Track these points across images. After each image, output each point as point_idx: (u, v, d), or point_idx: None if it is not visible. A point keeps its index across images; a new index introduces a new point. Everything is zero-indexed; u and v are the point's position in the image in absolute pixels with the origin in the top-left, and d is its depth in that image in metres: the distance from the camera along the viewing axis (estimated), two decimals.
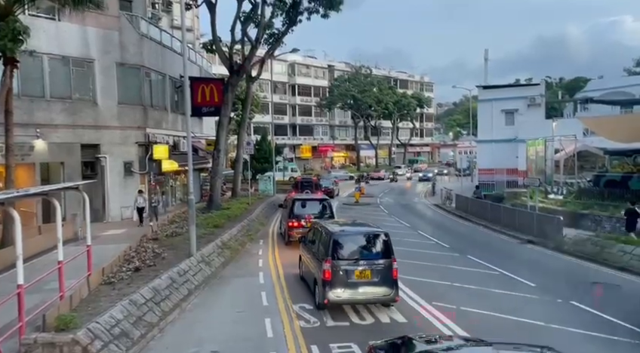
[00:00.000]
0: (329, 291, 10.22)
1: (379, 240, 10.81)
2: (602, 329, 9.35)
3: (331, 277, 10.22)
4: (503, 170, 32.03)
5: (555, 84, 68.15)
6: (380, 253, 10.64)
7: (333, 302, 10.26)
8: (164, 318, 9.72)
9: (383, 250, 10.65)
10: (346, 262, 10.42)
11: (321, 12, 26.16)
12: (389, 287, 10.32)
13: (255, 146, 37.36)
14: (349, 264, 10.38)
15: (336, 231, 11.06)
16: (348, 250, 10.67)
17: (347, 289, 10.23)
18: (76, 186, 11.24)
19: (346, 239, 10.90)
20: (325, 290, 10.26)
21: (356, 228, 12.05)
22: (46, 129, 19.01)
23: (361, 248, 10.77)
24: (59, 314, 7.91)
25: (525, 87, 39.53)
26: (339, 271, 10.26)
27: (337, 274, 10.24)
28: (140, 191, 20.46)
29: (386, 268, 10.37)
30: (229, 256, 15.71)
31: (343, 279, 10.23)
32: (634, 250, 14.43)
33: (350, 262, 10.41)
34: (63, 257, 9.61)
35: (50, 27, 19.28)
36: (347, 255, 10.58)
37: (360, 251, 10.70)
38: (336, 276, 10.23)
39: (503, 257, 16.46)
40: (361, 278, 10.28)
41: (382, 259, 10.52)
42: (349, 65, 78.12)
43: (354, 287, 10.26)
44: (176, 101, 26.31)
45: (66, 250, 10.41)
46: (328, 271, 10.25)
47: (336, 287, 10.21)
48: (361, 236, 11.15)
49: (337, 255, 10.50)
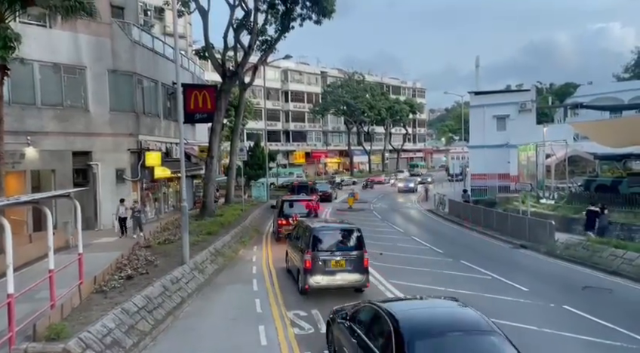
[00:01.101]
0: (310, 278, 11.83)
1: (352, 235, 12.47)
2: (595, 334, 9.40)
3: (311, 266, 11.85)
4: (495, 175, 32.18)
5: (545, 89, 68.87)
6: (353, 246, 12.28)
7: (313, 288, 11.85)
8: (156, 327, 9.64)
9: (356, 243, 12.28)
10: (324, 253, 11.97)
11: (314, 19, 26.32)
12: (361, 274, 11.97)
13: (248, 153, 37.35)
14: (327, 255, 11.96)
15: (316, 227, 12.63)
16: (326, 243, 12.24)
17: (325, 276, 11.82)
18: (67, 194, 11.16)
19: (324, 234, 12.45)
20: (306, 277, 11.87)
21: (333, 225, 13.73)
22: (37, 136, 18.88)
23: (337, 242, 12.42)
24: (50, 324, 7.83)
25: (516, 93, 39.91)
26: (318, 261, 11.85)
27: (317, 264, 11.84)
28: (122, 200, 19.44)
29: (358, 258, 12.02)
30: (222, 263, 15.64)
31: (322, 268, 11.83)
32: (625, 254, 14.56)
33: (327, 254, 12.00)
34: (54, 266, 9.51)
35: (42, 34, 19.19)
36: (325, 247, 12.13)
37: (336, 244, 12.33)
38: (316, 265, 11.83)
39: (495, 262, 16.52)
40: (337, 267, 11.87)
41: (355, 250, 12.14)
42: (342, 72, 78.47)
43: (331, 275, 11.84)
44: (168, 108, 26.25)
45: (57, 259, 10.31)
46: (309, 261, 11.87)
47: (315, 274, 11.82)
48: (337, 231, 12.81)
49: (317, 247, 12.04)
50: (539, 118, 39.57)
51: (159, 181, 24.84)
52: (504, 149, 32.15)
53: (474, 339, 5.67)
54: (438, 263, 16.42)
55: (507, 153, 31.51)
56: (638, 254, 14.21)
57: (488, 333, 5.74)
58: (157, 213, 24.88)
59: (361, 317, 6.93)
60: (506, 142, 32.40)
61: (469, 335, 5.73)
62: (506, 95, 38.87)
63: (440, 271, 15.05)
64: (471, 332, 5.79)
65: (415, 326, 5.77)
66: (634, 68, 61.25)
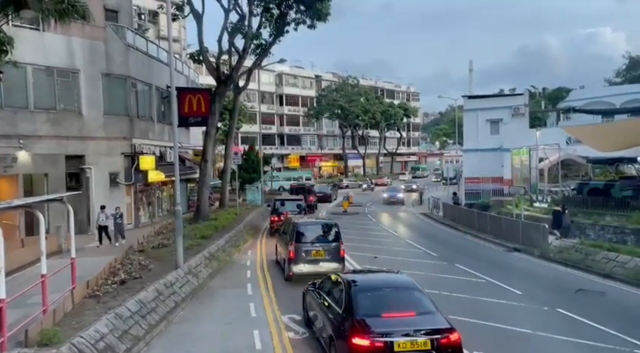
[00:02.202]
0: (293, 266, 13.64)
1: (331, 229, 14.44)
2: (588, 337, 9.45)
3: (295, 256, 13.63)
4: (489, 179, 32.31)
5: (538, 94, 69.29)
6: (331, 239, 14.14)
7: (296, 274, 13.55)
8: (150, 331, 9.57)
9: (334, 236, 14.19)
10: (305, 244, 13.77)
11: (308, 23, 26.36)
12: (338, 263, 13.59)
13: (243, 156, 37.29)
14: (308, 246, 13.76)
15: (299, 222, 14.68)
16: (307, 236, 14.05)
17: (307, 264, 13.54)
18: (60, 198, 11.08)
19: (306, 228, 14.41)
20: (290, 265, 13.70)
21: (314, 220, 16.26)
22: (29, 140, 18.74)
23: (318, 235, 14.27)
24: (42, 329, 7.75)
25: (509, 97, 40.17)
26: (301, 252, 13.63)
27: (299, 254, 13.61)
28: (102, 206, 18.14)
29: (335, 249, 13.88)
30: (216, 267, 15.58)
31: (304, 257, 13.58)
32: (617, 257, 14.66)
33: (309, 245, 13.79)
34: (47, 270, 9.42)
35: (35, 38, 19.10)
36: (307, 239, 13.94)
37: (316, 237, 14.17)
38: (299, 255, 13.61)
39: (490, 265, 16.58)
40: (317, 256, 13.62)
41: (333, 242, 14.02)
42: (337, 76, 78.74)
43: (312, 263, 13.53)
44: (162, 111, 26.18)
45: (49, 263, 10.22)
46: (292, 252, 13.70)
47: (298, 263, 13.59)
48: (318, 226, 14.86)
49: (299, 239, 13.84)
50: (532, 122, 39.81)
51: (153, 185, 24.73)
52: (498, 153, 32.32)
53: (400, 292, 8.18)
54: (432, 266, 16.45)
55: (501, 157, 31.69)
56: (630, 257, 14.33)
57: (412, 289, 8.19)
58: (151, 217, 24.76)
59: (325, 285, 9.34)
60: (500, 145, 32.57)
61: (397, 290, 8.28)
62: (499, 99, 39.12)
63: (434, 275, 15.08)
64: (399, 288, 8.34)
65: (359, 285, 8.25)
66: (625, 73, 61.89)
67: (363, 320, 7.28)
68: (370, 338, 6.91)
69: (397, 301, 7.82)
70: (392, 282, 8.73)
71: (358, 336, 6.97)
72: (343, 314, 7.74)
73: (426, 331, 7.03)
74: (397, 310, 7.54)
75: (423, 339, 6.94)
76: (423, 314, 7.50)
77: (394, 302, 7.78)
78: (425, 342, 6.92)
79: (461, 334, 7.24)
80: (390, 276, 9.37)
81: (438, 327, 7.18)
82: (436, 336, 7.01)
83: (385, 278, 9.23)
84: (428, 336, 6.96)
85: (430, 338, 6.95)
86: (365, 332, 7.01)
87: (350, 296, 7.85)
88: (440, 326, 7.23)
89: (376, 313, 7.44)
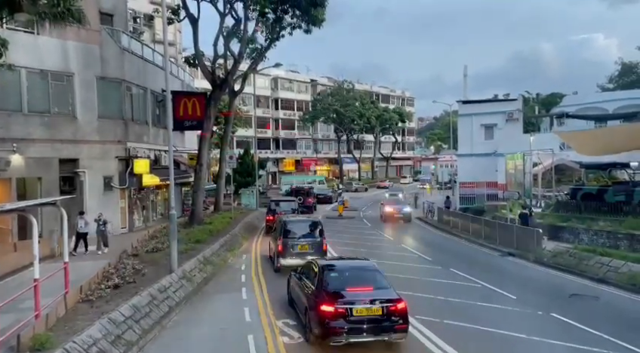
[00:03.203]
0: (281, 259, 15.41)
1: (315, 226, 16.46)
2: (582, 341, 9.47)
3: (282, 249, 15.42)
4: (483, 184, 32.42)
5: (532, 99, 69.74)
6: (315, 234, 16.12)
7: (284, 266, 15.07)
8: (144, 336, 9.50)
9: (318, 232, 16.17)
10: (292, 240, 15.60)
11: (304, 27, 26.42)
12: (320, 256, 14.32)
13: (238, 160, 37.26)
14: (295, 241, 15.57)
15: (287, 220, 16.76)
16: (294, 232, 15.90)
17: (293, 257, 15.08)
18: (54, 202, 11.03)
19: (292, 225, 16.35)
20: (279, 258, 15.50)
21: (300, 218, 18.98)
22: (23, 143, 18.64)
23: (303, 231, 16.14)
24: (34, 334, 7.68)
25: (503, 102, 40.38)
26: (288, 246, 15.43)
27: (287, 248, 15.41)
28: (81, 212, 17.40)
29: (319, 243, 15.77)
30: (211, 271, 15.51)
31: (290, 251, 15.35)
32: (610, 262, 14.75)
33: (295, 240, 15.62)
34: (40, 275, 9.34)
35: (29, 41, 19.04)
36: (293, 235, 15.77)
37: (302, 233, 16.03)
38: (286, 249, 15.40)
39: (484, 270, 16.61)
40: (302, 250, 15.34)
41: (317, 238, 15.94)
42: (332, 80, 78.88)
43: (298, 256, 14.97)
44: (157, 115, 26.13)
45: (42, 268, 10.13)
46: (280, 246, 15.48)
47: (286, 256, 15.33)
48: (303, 223, 16.91)
49: (287, 235, 15.71)
50: (526, 127, 40.11)
51: (147, 189, 24.64)
52: (492, 158, 32.45)
53: (362, 272, 10.10)
54: (427, 271, 16.46)
55: (495, 161, 31.82)
56: (623, 262, 14.41)
57: (372, 270, 10.16)
58: (145, 221, 24.64)
59: (304, 270, 11.18)
60: (494, 150, 32.72)
61: (360, 271, 10.23)
62: (493, 104, 39.31)
63: (429, 279, 15.09)
64: (362, 269, 10.31)
65: (329, 267, 10.15)
66: (618, 78, 62.41)
67: (330, 293, 9.16)
68: (335, 306, 8.74)
69: (359, 279, 9.70)
70: (357, 265, 10.77)
71: (326, 304, 8.82)
72: (315, 290, 9.58)
73: (379, 301, 8.85)
74: (358, 285, 9.38)
75: (376, 306, 8.80)
76: (379, 289, 9.34)
77: (357, 280, 9.65)
78: (377, 309, 8.80)
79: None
80: (356, 261, 11.40)
81: (389, 298, 8.96)
82: (387, 304, 8.81)
83: (351, 263, 11.21)
84: (380, 305, 8.81)
85: (382, 306, 8.79)
86: (331, 302, 8.84)
87: (322, 275, 9.71)
88: (390, 297, 9.02)
89: (341, 288, 9.34)
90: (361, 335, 8.76)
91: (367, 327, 8.72)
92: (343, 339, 8.72)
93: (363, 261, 11.26)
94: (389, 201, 35.02)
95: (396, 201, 36.19)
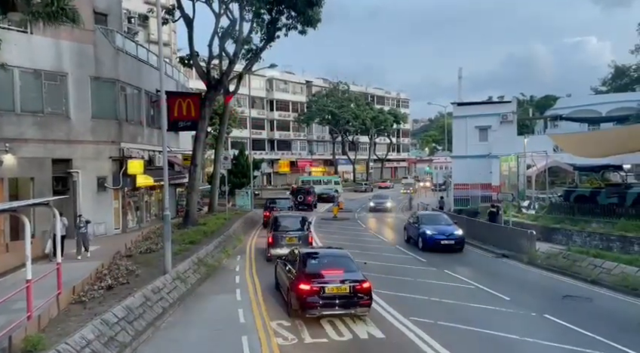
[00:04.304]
0: (271, 249, 17.27)
1: (303, 221, 18.80)
2: (575, 343, 9.52)
3: (273, 241, 17.49)
4: (478, 185, 32.54)
5: (526, 101, 70.16)
6: (302, 228, 18.26)
7: (273, 255, 16.36)
8: (137, 338, 9.45)
9: (305, 226, 18.50)
10: (282, 232, 17.69)
11: (299, 28, 26.44)
12: (306, 247, 15.60)
13: (232, 161, 37.16)
14: (284, 233, 17.64)
15: (278, 215, 19.44)
16: (283, 226, 18.17)
17: (282, 248, 16.36)
18: (47, 202, 10.95)
19: (283, 220, 18.77)
20: (269, 249, 17.49)
21: (290, 214, 21.68)
22: (16, 143, 18.50)
23: (291, 225, 18.35)
24: (26, 336, 7.62)
25: (498, 105, 40.57)
26: (277, 238, 17.45)
27: (276, 240, 17.42)
28: (59, 213, 14.96)
29: (305, 236, 17.90)
30: (205, 272, 15.45)
31: (279, 242, 17.27)
32: (603, 263, 14.84)
33: (284, 232, 17.70)
34: (32, 276, 9.28)
35: (23, 40, 18.92)
36: (283, 228, 17.99)
37: (290, 226, 18.21)
38: (276, 240, 17.40)
39: (478, 271, 16.67)
40: (290, 242, 17.04)
41: (304, 231, 18.11)
42: (327, 81, 78.93)
43: (286, 247, 16.14)
44: (152, 115, 26.03)
45: (35, 269, 10.05)
46: (271, 238, 17.67)
47: (275, 247, 17.11)
48: (292, 218, 19.19)
49: (277, 228, 17.94)
50: (520, 130, 40.31)
51: (141, 189, 24.52)
52: (486, 159, 32.58)
53: (337, 259, 11.82)
54: (421, 272, 16.49)
55: (489, 163, 31.95)
56: (616, 264, 14.50)
57: (345, 257, 11.86)
58: (139, 221, 24.52)
59: (288, 257, 12.84)
60: (488, 152, 32.85)
61: (335, 257, 12.00)
62: (487, 106, 39.48)
63: (424, 281, 15.11)
64: (337, 257, 12.05)
65: (309, 254, 12.02)
66: (611, 81, 62.87)
67: (308, 275, 10.86)
68: (311, 285, 10.44)
69: (333, 264, 11.43)
70: (332, 253, 12.71)
71: (303, 283, 10.51)
72: (296, 273, 11.23)
73: (348, 281, 10.62)
74: (331, 269, 11.13)
75: (345, 286, 10.56)
76: (348, 271, 11.07)
77: (330, 264, 11.39)
78: (345, 287, 10.54)
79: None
80: (332, 250, 13.46)
81: (356, 279, 10.73)
82: (354, 284, 10.56)
83: (327, 251, 13.23)
84: (348, 284, 10.56)
85: (350, 285, 10.53)
86: (308, 281, 10.53)
87: (302, 261, 11.46)
88: (357, 278, 10.77)
89: (317, 271, 11.08)
90: (332, 308, 10.40)
91: (337, 302, 10.40)
92: (317, 312, 10.37)
93: (338, 250, 13.19)
94: None
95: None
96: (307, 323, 10.55)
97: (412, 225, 22.36)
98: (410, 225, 22.84)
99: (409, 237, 22.69)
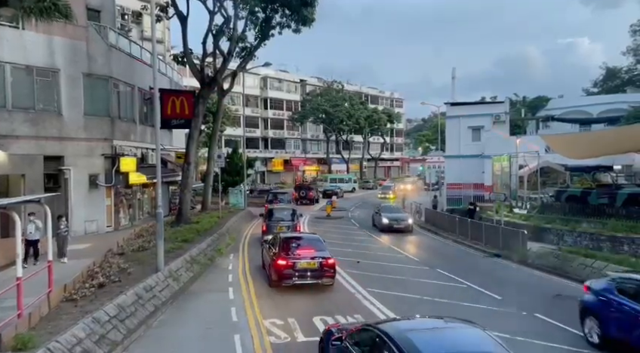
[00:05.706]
0: (265, 236, 18.79)
1: (293, 212, 21.71)
2: (565, 341, 9.63)
3: (266, 228, 20.24)
4: (470, 185, 32.71)
5: (518, 102, 70.52)
6: (291, 218, 21.02)
7: (265, 241, 16.82)
8: (129, 336, 9.42)
9: (295, 216, 21.32)
10: (273, 222, 20.56)
11: (293, 27, 26.39)
12: None
13: (226, 159, 37.05)
14: (275, 222, 20.41)
15: (272, 208, 22.76)
16: (276, 216, 21.16)
17: (274, 234, 16.81)
18: (38, 199, 10.87)
19: (275, 210, 22.00)
20: (263, 236, 19.47)
21: (283, 206, 24.72)
22: (7, 140, 18.34)
23: (282, 215, 21.23)
24: (16, 334, 7.58)
25: (491, 105, 40.81)
26: (270, 226, 20.22)
27: (269, 227, 20.06)
28: (30, 213, 14.52)
29: (294, 225, 20.52)
30: (197, 270, 15.42)
31: (272, 230, 19.42)
32: (593, 263, 14.98)
33: (276, 222, 20.53)
34: (23, 273, 9.21)
35: (14, 36, 18.76)
36: (275, 218, 20.95)
37: (281, 216, 21.07)
38: (269, 228, 19.96)
39: (470, 270, 16.76)
40: (280, 230, 19.00)
41: (293, 221, 20.83)
42: (321, 80, 78.83)
43: None
44: (145, 113, 25.89)
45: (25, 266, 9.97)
46: (264, 226, 20.67)
47: (268, 234, 18.58)
48: (284, 210, 22.08)
49: (270, 218, 21.05)
50: (512, 130, 40.50)
51: (134, 187, 24.40)
52: (479, 159, 32.76)
53: (310, 241, 14.97)
54: (414, 271, 16.56)
55: (482, 163, 32.12)
56: (606, 263, 14.64)
57: (317, 240, 14.95)
58: (131, 219, 24.40)
59: (272, 240, 15.28)
60: (481, 152, 33.02)
61: (309, 240, 15.12)
62: (481, 106, 39.70)
63: (416, 280, 15.19)
64: (310, 239, 15.24)
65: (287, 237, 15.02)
66: (602, 83, 63.40)
67: (285, 253, 13.36)
68: (286, 260, 13.09)
69: (307, 245, 14.10)
70: (306, 237, 15.83)
71: (280, 259, 13.16)
72: (276, 252, 13.61)
73: (317, 258, 13.24)
74: (305, 248, 13.76)
75: (314, 261, 13.20)
76: (318, 251, 13.62)
77: (304, 246, 14.06)
78: (314, 263, 13.17)
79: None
80: (307, 234, 17.29)
81: (323, 256, 13.31)
82: (321, 260, 13.17)
83: (303, 235, 16.86)
84: (317, 260, 13.20)
85: (318, 261, 13.16)
86: (285, 258, 13.17)
87: (281, 243, 13.90)
88: (324, 256, 13.33)
89: (293, 250, 13.61)
90: (305, 279, 13.10)
91: (308, 274, 13.11)
92: (291, 282, 13.03)
93: (312, 234, 16.80)
94: None
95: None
96: (300, 320, 10.55)
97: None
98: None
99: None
